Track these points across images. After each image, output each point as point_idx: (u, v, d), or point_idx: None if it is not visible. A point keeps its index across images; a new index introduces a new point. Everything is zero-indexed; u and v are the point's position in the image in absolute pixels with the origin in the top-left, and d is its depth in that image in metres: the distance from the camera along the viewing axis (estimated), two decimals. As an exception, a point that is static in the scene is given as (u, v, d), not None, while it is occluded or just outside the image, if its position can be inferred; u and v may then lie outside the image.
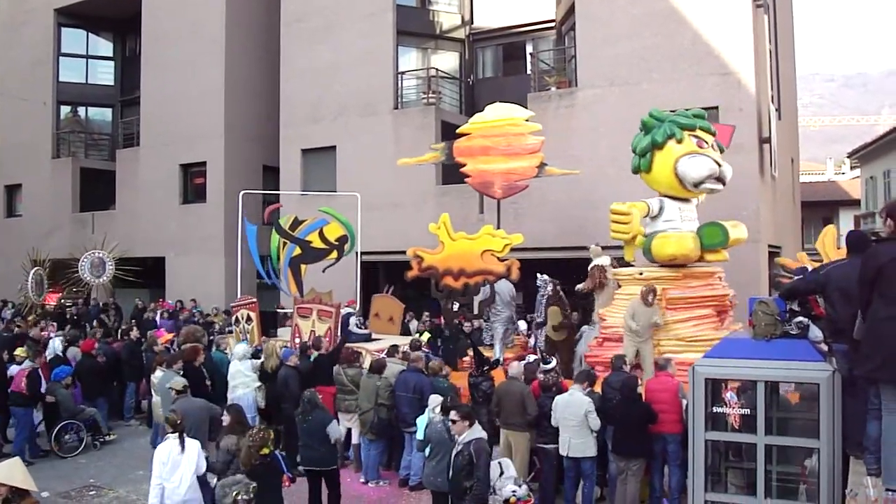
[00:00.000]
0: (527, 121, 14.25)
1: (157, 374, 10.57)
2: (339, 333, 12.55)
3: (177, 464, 6.89)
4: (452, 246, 13.27)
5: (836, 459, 5.85)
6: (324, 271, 15.66)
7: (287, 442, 9.89)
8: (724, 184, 11.52)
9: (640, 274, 11.36)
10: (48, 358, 13.07)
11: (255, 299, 14.24)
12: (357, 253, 15.94)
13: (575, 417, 8.24)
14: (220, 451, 7.46)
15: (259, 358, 11.43)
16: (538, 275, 13.06)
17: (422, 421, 8.29)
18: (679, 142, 11.27)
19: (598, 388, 8.95)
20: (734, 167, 14.80)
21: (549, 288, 12.74)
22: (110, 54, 27.71)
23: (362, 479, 9.91)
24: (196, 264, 21.47)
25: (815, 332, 6.31)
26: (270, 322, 14.98)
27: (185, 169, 22.84)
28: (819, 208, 35.23)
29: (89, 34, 27.26)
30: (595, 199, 14.58)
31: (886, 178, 27.68)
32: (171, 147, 22.68)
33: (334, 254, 15.30)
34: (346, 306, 14.13)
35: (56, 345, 13.69)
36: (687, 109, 11.91)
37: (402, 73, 19.95)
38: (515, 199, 15.55)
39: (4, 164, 27.87)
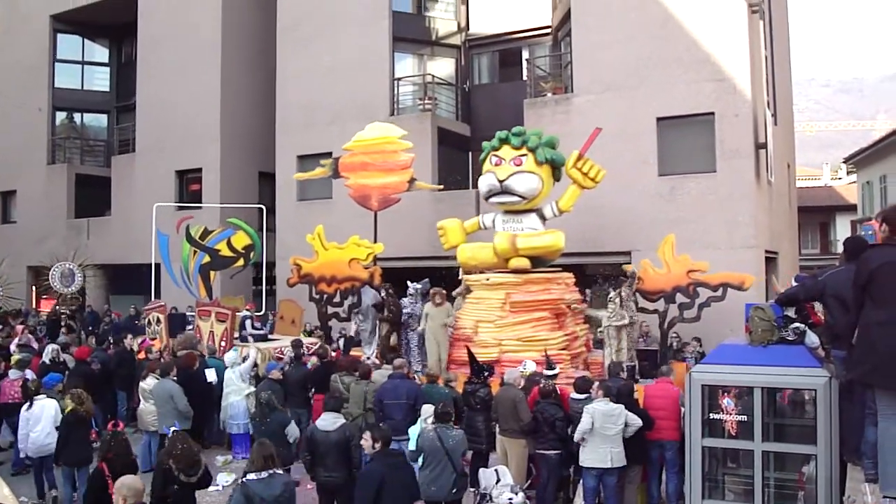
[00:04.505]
0: (400, 139, 15.28)
1: (149, 381, 10.49)
2: (235, 334, 13.59)
3: (37, 418, 8.99)
4: (325, 255, 14.81)
5: (833, 466, 5.82)
6: (231, 277, 17.30)
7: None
8: (522, 197, 12.45)
9: (487, 279, 12.33)
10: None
11: (163, 303, 15.43)
12: (263, 260, 17.44)
13: (616, 426, 7.96)
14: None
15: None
16: (409, 282, 13.44)
17: (414, 431, 8.21)
18: (483, 162, 12.83)
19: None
20: (731, 172, 14.95)
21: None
22: (106, 60, 27.69)
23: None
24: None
25: (812, 338, 6.28)
26: (179, 323, 15.61)
27: (181, 175, 22.76)
28: (816, 213, 35.28)
29: (85, 40, 27.22)
30: (594, 206, 14.54)
31: (883, 182, 27.62)
32: (167, 153, 22.61)
33: (241, 261, 16.59)
34: (246, 309, 15.11)
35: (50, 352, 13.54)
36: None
37: (399, 79, 19.92)
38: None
39: (-1, 169, 27.81)
